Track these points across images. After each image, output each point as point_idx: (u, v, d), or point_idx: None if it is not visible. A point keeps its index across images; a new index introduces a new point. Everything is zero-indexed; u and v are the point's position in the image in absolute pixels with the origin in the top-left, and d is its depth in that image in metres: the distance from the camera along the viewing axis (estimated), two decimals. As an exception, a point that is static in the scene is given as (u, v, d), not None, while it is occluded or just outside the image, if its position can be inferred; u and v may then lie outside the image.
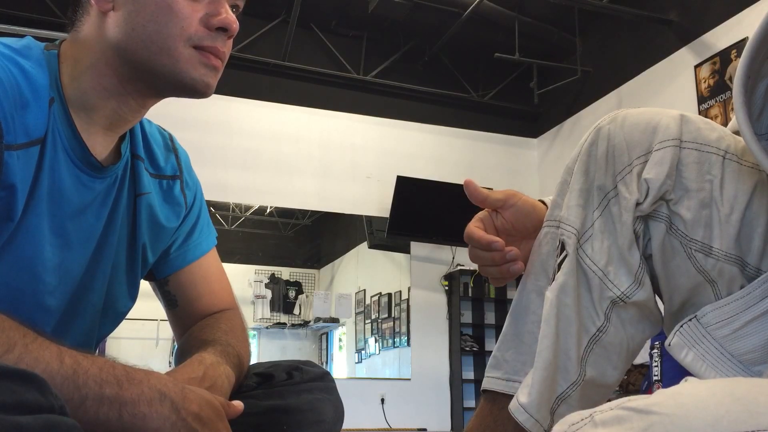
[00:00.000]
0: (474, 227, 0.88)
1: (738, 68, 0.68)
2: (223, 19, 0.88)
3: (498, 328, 5.98)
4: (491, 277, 0.91)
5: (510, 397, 0.82)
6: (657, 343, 2.89)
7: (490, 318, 6.09)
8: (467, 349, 5.96)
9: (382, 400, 5.77)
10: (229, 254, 6.48)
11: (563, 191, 0.84)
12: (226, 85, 5.18)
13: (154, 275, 1.06)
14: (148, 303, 1.21)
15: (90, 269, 0.93)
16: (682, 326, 0.77)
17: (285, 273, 7.26)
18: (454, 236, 5.81)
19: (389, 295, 6.54)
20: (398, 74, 6.16)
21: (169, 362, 6.05)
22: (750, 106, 0.70)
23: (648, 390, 3.02)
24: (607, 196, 0.81)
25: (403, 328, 6.23)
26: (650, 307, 0.83)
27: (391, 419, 5.70)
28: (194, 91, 0.88)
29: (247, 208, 6.70)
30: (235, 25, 0.89)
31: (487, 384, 0.86)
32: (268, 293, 7.11)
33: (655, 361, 2.91)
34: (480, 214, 0.91)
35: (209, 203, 1.18)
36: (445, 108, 6.35)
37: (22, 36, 0.89)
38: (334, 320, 6.80)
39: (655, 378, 2.89)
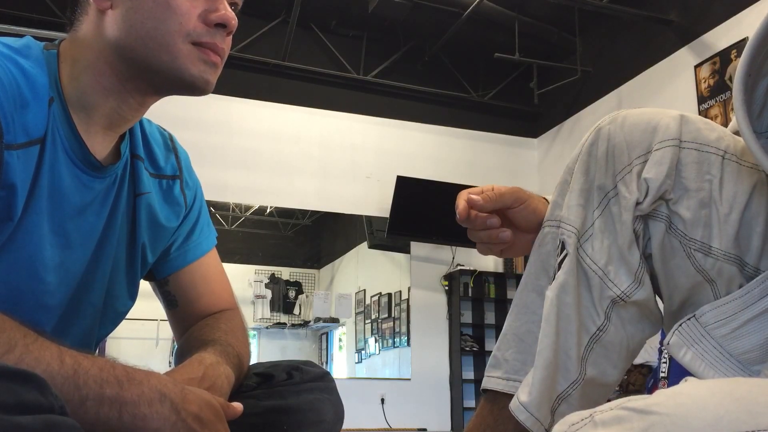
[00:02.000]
0: (463, 199, 0.88)
1: (738, 67, 0.69)
2: (221, 15, 0.88)
3: (498, 328, 5.98)
4: (478, 241, 0.92)
5: (510, 396, 0.82)
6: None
7: (490, 318, 6.10)
8: (467, 349, 5.96)
9: (382, 400, 5.77)
10: (229, 254, 6.48)
11: (563, 191, 0.85)
12: (226, 85, 5.18)
13: (154, 275, 1.06)
14: (148, 303, 1.21)
15: (90, 269, 0.93)
16: (681, 325, 0.77)
17: (285, 273, 7.26)
18: (454, 236, 5.81)
19: (389, 295, 6.55)
20: (398, 74, 6.16)
21: (169, 362, 6.05)
22: (750, 104, 0.70)
23: (653, 388, 3.01)
24: (607, 195, 0.81)
25: (403, 328, 6.23)
26: (650, 307, 0.83)
27: (391, 419, 5.70)
28: (194, 87, 0.88)
29: (247, 208, 6.70)
30: (234, 21, 0.89)
31: (487, 383, 0.86)
32: (268, 293, 7.12)
33: (664, 358, 2.90)
34: (470, 189, 0.91)
35: (209, 203, 1.18)
36: (445, 108, 6.35)
37: (21, 36, 0.89)
38: (334, 320, 6.80)
39: (662, 375, 2.89)
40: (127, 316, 1.04)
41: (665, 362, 2.89)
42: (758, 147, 0.70)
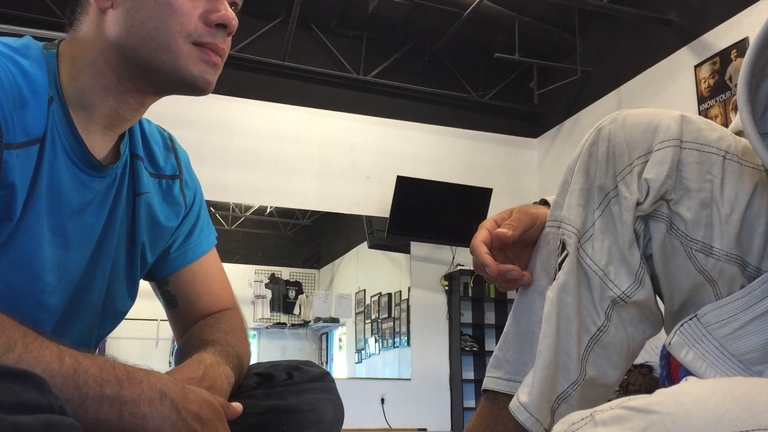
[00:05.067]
0: (484, 254, 0.85)
1: (742, 66, 0.69)
2: (222, 16, 0.88)
3: (498, 328, 5.99)
4: (497, 285, 0.91)
5: (511, 397, 0.82)
6: None
7: (490, 318, 6.09)
8: (467, 349, 5.96)
9: (382, 400, 5.77)
10: (229, 254, 6.48)
11: (564, 191, 0.85)
12: (226, 85, 5.18)
13: (154, 275, 1.06)
14: (148, 303, 1.21)
15: (89, 268, 0.93)
16: (682, 325, 0.77)
17: (285, 273, 7.26)
18: (454, 236, 5.82)
19: (389, 295, 6.54)
20: (398, 74, 6.15)
21: (169, 362, 6.05)
22: (754, 104, 0.70)
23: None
24: (608, 196, 0.81)
25: (403, 328, 6.23)
26: (650, 307, 0.83)
27: (391, 419, 5.70)
28: (194, 87, 0.88)
29: (247, 208, 6.70)
30: (235, 22, 0.90)
31: (488, 384, 0.86)
32: (268, 293, 7.11)
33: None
34: (486, 224, 0.89)
35: (209, 203, 1.18)
36: (445, 108, 6.35)
37: (21, 36, 0.89)
38: (334, 320, 6.80)
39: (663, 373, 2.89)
40: (127, 316, 1.04)
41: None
42: (762, 146, 0.70)
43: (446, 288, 6.12)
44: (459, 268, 6.02)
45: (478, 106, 6.43)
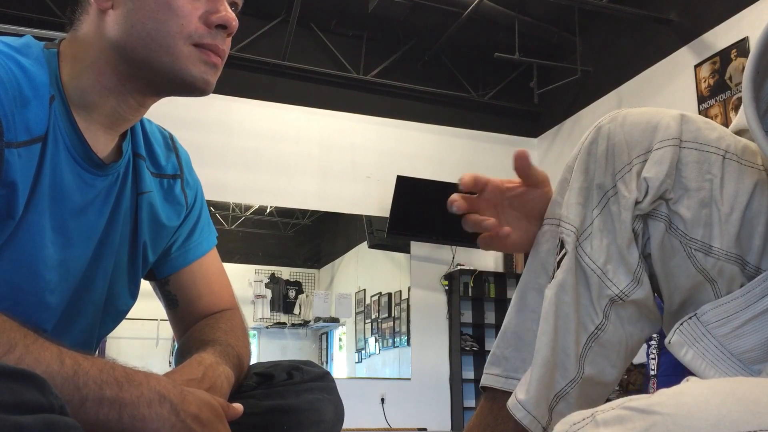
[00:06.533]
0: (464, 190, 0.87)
1: (747, 64, 0.68)
2: (222, 17, 0.88)
3: (498, 327, 5.93)
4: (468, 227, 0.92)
5: (509, 394, 0.82)
6: (656, 336, 2.87)
7: (490, 318, 6.10)
8: (467, 348, 5.96)
9: (382, 400, 5.77)
10: (229, 254, 6.48)
11: (563, 189, 0.84)
12: (226, 85, 5.18)
13: (155, 275, 1.06)
14: (148, 303, 1.21)
15: (91, 267, 0.92)
16: (682, 324, 0.77)
17: (285, 273, 7.26)
18: (454, 236, 5.82)
19: (389, 294, 6.55)
20: (398, 74, 6.16)
21: (169, 362, 6.05)
22: (758, 101, 0.70)
23: (651, 383, 3.00)
24: (607, 194, 0.81)
25: (403, 328, 6.23)
26: (649, 306, 0.83)
27: (391, 419, 5.70)
28: (194, 88, 0.88)
29: (247, 208, 6.71)
30: (235, 23, 0.89)
31: (485, 381, 0.86)
32: (268, 293, 7.12)
33: (653, 354, 2.91)
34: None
35: (209, 203, 1.18)
36: (445, 108, 6.36)
37: (21, 36, 0.89)
38: (334, 320, 6.80)
39: (652, 373, 2.89)
40: (127, 316, 1.04)
41: (654, 359, 2.90)
42: (767, 143, 0.70)
43: (446, 288, 6.12)
44: (459, 267, 6.02)
45: (478, 105, 6.43)
